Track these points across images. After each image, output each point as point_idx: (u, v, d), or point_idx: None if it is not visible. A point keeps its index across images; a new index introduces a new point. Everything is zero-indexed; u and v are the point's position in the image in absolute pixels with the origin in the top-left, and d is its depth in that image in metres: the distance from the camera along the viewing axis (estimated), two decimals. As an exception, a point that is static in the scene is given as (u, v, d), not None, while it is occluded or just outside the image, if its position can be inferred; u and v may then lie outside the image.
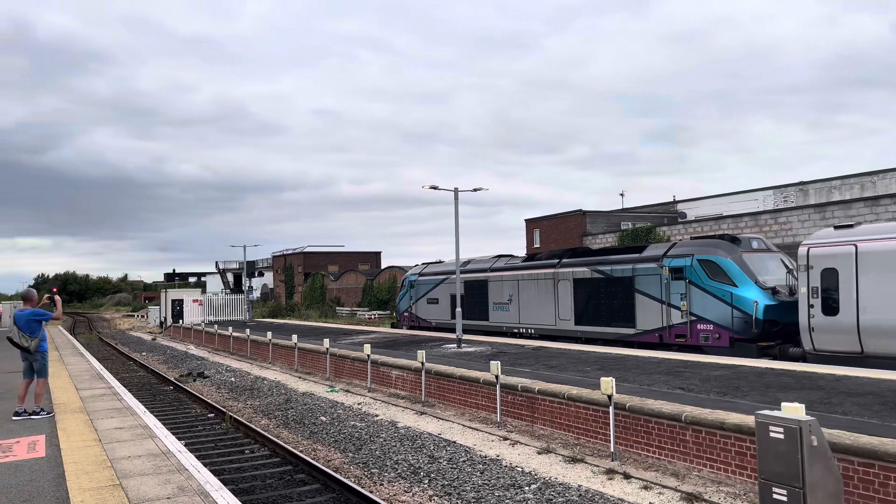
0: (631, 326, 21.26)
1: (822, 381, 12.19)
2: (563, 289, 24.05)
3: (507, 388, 13.30)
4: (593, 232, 44.01)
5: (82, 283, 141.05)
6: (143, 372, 27.20)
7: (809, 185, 41.02)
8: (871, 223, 18.70)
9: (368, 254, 79.85)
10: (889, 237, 14.80)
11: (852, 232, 15.71)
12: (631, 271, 21.48)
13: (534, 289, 25.51)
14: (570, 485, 9.26)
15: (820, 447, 5.74)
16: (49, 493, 6.84)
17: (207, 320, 49.21)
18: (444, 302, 31.84)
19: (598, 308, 22.47)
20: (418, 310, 34.11)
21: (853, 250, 15.23)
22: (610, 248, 24.58)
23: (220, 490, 6.86)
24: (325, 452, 12.20)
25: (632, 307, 21.20)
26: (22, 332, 11.07)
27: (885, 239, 14.80)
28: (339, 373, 21.05)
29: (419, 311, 34.02)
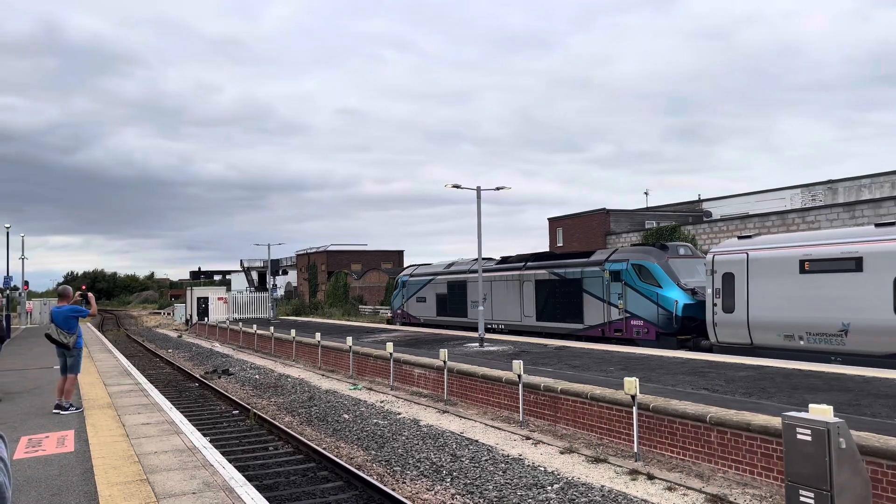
0: (580, 322, 24.10)
1: (851, 383, 12.00)
2: (526, 289, 27.09)
3: (530, 388, 13.26)
4: (617, 231, 43.70)
5: (110, 281, 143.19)
6: (169, 369, 27.56)
7: (838, 184, 40.32)
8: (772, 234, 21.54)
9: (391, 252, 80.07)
10: (773, 247, 17.71)
11: (749, 242, 18.57)
12: (580, 274, 24.43)
13: (504, 289, 28.51)
14: (593, 485, 9.21)
15: (848, 449, 5.65)
16: (78, 487, 6.96)
17: (232, 318, 49.73)
18: (430, 300, 34.65)
19: (555, 306, 25.25)
20: (409, 307, 36.94)
21: (745, 258, 18.08)
22: (565, 254, 27.29)
23: (245, 486, 6.93)
24: (348, 450, 12.26)
25: (580, 305, 24.15)
26: (60, 329, 11.28)
27: (771, 248, 17.70)
28: (361, 371, 21.16)
29: (410, 309, 36.88)
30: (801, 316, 16.76)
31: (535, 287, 26.58)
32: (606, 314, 23.03)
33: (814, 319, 16.47)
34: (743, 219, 36.27)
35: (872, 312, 15.33)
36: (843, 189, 39.73)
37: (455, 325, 31.54)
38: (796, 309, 16.86)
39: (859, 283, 15.70)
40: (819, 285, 16.46)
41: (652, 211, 48.49)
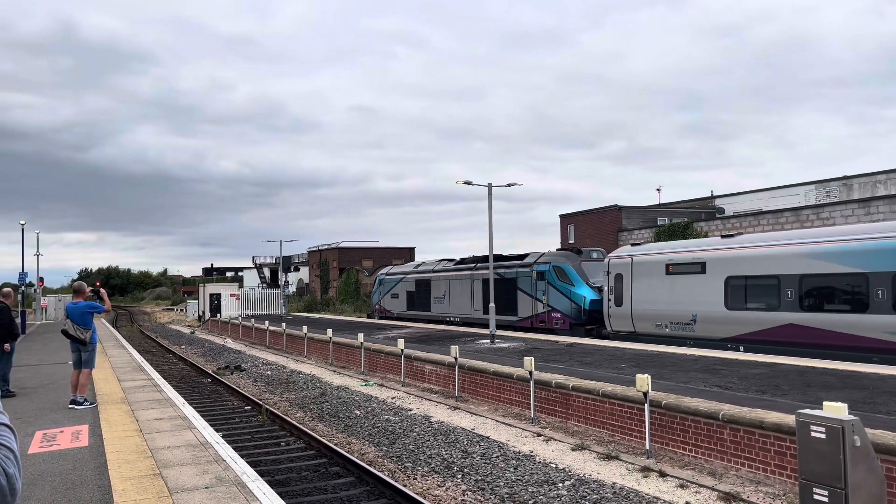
0: (515, 315, 27.98)
1: (866, 381, 11.89)
2: (476, 287, 31.16)
3: (541, 384, 13.24)
4: (629, 227, 43.50)
5: (124, 277, 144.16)
6: (182, 364, 27.74)
7: (853, 180, 39.91)
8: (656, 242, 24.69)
9: (402, 249, 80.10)
10: (650, 253, 21.52)
11: (636, 248, 22.45)
12: (515, 274, 28.27)
13: (459, 287, 32.67)
14: (605, 482, 9.18)
15: (863, 447, 5.60)
16: (92, 481, 7.02)
17: (244, 314, 49.96)
18: (402, 297, 38.66)
19: (497, 301, 27.19)
20: (384, 303, 40.84)
21: (630, 262, 21.92)
22: (506, 256, 30.52)
23: (257, 481, 6.96)
24: (360, 446, 12.29)
25: (515, 300, 28.11)
26: (76, 325, 11.37)
27: (649, 254, 21.51)
28: (373, 367, 21.20)
29: (385, 304, 40.75)
30: (666, 309, 20.52)
31: (482, 285, 30.42)
32: (534, 308, 26.97)
33: (674, 311, 20.23)
34: (756, 215, 36.01)
35: (711, 306, 19.02)
36: (859, 185, 39.34)
37: (420, 318, 35.62)
38: (663, 303, 20.60)
39: (703, 283, 19.37)
40: (678, 284, 20.21)
41: (664, 207, 48.25)
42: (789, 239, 18.02)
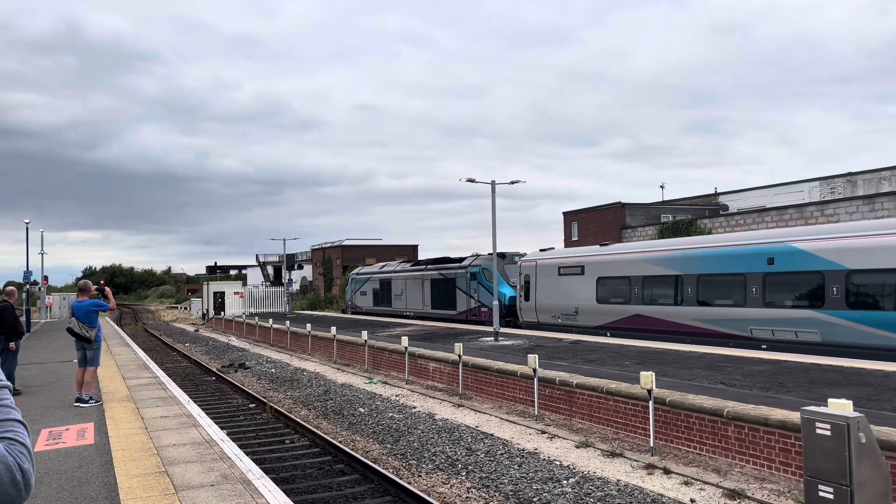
0: (454, 309, 33.33)
1: (871, 377, 11.87)
2: (426, 286, 36.21)
3: (545, 382, 13.24)
4: (633, 224, 43.44)
5: (128, 276, 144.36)
6: (186, 362, 27.80)
7: (858, 177, 39.79)
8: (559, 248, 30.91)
9: (405, 247, 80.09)
10: (550, 258, 26.51)
11: (541, 254, 27.36)
12: (454, 274, 33.55)
13: (412, 285, 37.78)
14: (609, 479, 9.19)
15: (868, 444, 5.59)
16: (98, 478, 7.04)
17: (248, 312, 50.04)
18: (369, 294, 43.94)
19: (441, 298, 34.42)
20: (355, 299, 46.16)
21: (535, 265, 26.94)
22: (448, 258, 36.17)
23: (262, 478, 6.98)
24: (364, 443, 12.31)
25: (454, 297, 33.47)
26: (82, 323, 11.41)
27: (548, 259, 26.58)
28: (377, 365, 21.22)
29: (356, 300, 45.96)
30: (558, 303, 25.56)
31: (430, 284, 35.72)
32: (468, 303, 32.34)
33: (564, 305, 25.27)
34: (760, 212, 35.94)
35: (588, 301, 24.09)
36: (863, 182, 39.23)
37: (384, 313, 40.77)
38: (557, 298, 25.65)
39: (582, 282, 24.43)
40: (566, 284, 25.24)
41: (668, 204, 48.17)
42: (637, 248, 23.36)
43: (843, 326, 16.00)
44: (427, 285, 36.02)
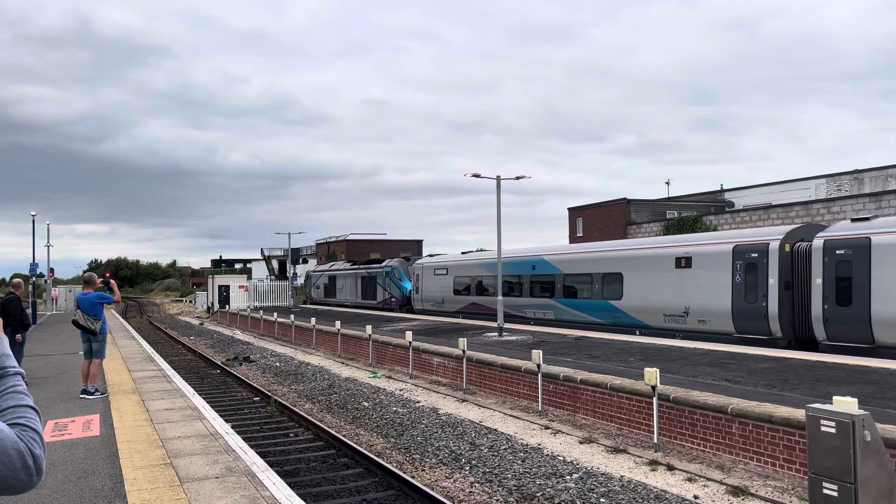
0: (375, 300, 42.71)
1: (875, 375, 11.84)
2: (357, 281, 45.88)
3: (549, 378, 13.25)
4: (638, 221, 43.35)
5: (133, 269, 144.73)
6: (191, 355, 27.89)
7: (864, 174, 39.61)
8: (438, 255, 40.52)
9: (410, 242, 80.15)
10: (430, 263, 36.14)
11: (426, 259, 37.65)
12: (376, 273, 43.08)
13: (350, 281, 47.44)
14: (613, 475, 9.19)
15: (873, 442, 5.58)
16: (103, 470, 7.08)
17: (253, 306, 50.11)
18: (321, 288, 53.75)
19: (367, 291, 44.29)
20: (312, 293, 55.54)
21: (422, 267, 36.78)
22: (374, 260, 47.71)
23: (267, 471, 7.01)
24: (368, 437, 12.35)
25: (375, 290, 42.90)
26: (87, 315, 11.45)
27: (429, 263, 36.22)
28: (381, 359, 21.26)
29: (312, 294, 55.52)
30: (434, 294, 35.40)
31: (361, 280, 45.31)
32: (384, 295, 41.63)
33: (436, 296, 35.09)
34: (766, 209, 35.83)
35: (449, 293, 33.88)
36: (870, 179, 39.05)
37: (330, 303, 49.98)
38: (433, 291, 35.58)
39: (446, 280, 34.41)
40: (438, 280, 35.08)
41: (673, 201, 48.04)
42: (477, 256, 33.56)
43: (562, 309, 25.54)
44: (359, 281, 45.58)
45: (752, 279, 18.58)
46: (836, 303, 16.53)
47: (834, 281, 16.58)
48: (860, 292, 16.01)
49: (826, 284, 16.71)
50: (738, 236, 20.38)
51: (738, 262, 19.03)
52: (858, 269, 16.09)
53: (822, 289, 16.78)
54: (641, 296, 22.27)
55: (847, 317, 16.23)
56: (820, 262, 16.95)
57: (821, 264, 16.92)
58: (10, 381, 1.83)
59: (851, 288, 16.21)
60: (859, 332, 16.02)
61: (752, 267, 18.65)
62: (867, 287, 15.85)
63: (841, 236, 16.83)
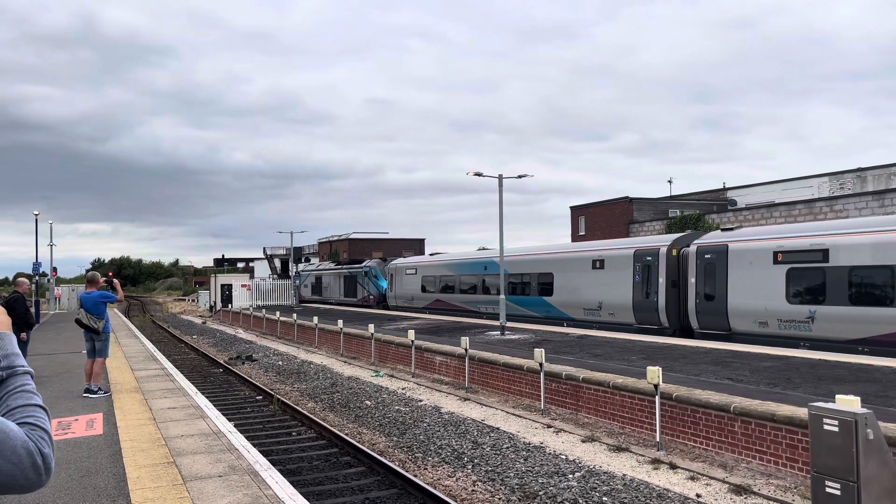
0: (356, 297, 46.00)
1: (878, 374, 11.82)
2: (340, 280, 49.06)
3: (552, 376, 13.25)
4: (640, 219, 43.30)
5: (136, 268, 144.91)
6: (194, 354, 27.93)
7: (868, 172, 39.50)
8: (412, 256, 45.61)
9: (412, 241, 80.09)
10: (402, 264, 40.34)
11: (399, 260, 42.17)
12: (356, 273, 46.24)
13: (334, 280, 50.65)
14: (615, 473, 9.19)
15: (876, 441, 5.57)
16: (106, 468, 7.10)
17: (255, 305, 50.16)
18: (309, 287, 56.78)
19: (348, 289, 47.36)
20: (301, 291, 57.07)
21: (395, 267, 40.64)
22: (354, 261, 51.04)
23: (269, 470, 7.02)
24: (370, 436, 12.36)
25: (356, 289, 46.18)
26: (90, 315, 11.47)
27: (401, 264, 40.37)
28: (383, 358, 21.27)
29: (301, 292, 56.90)
30: (406, 292, 38.98)
31: (343, 279, 48.48)
32: (362, 293, 45.12)
33: (407, 294, 38.75)
34: (768, 207, 35.77)
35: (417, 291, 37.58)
36: (873, 177, 38.95)
37: (317, 301, 52.93)
38: (405, 289, 39.07)
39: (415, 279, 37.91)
40: (408, 279, 38.78)
41: (676, 199, 47.97)
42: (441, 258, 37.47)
43: (508, 305, 25.35)
44: (341, 280, 48.91)
45: (647, 278, 21.85)
46: (704, 298, 19.77)
47: (703, 280, 19.87)
48: (720, 289, 19.21)
49: (697, 283, 20.02)
50: (638, 243, 23.86)
51: (638, 265, 22.24)
52: (719, 271, 19.31)
53: (695, 286, 20.07)
54: (567, 293, 25.78)
55: (711, 309, 19.48)
56: (693, 265, 20.19)
57: (694, 266, 20.17)
58: (20, 381, 1.85)
59: (714, 286, 19.42)
60: (720, 321, 19.20)
61: (647, 268, 21.89)
62: (725, 285, 19.06)
63: (708, 243, 20.03)
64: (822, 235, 17.13)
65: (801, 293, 17.23)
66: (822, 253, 16.83)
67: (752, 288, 18.29)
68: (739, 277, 18.65)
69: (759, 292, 18.06)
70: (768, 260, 18.05)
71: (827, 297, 16.53)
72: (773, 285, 17.76)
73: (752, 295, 18.22)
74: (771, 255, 18.03)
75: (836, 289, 16.33)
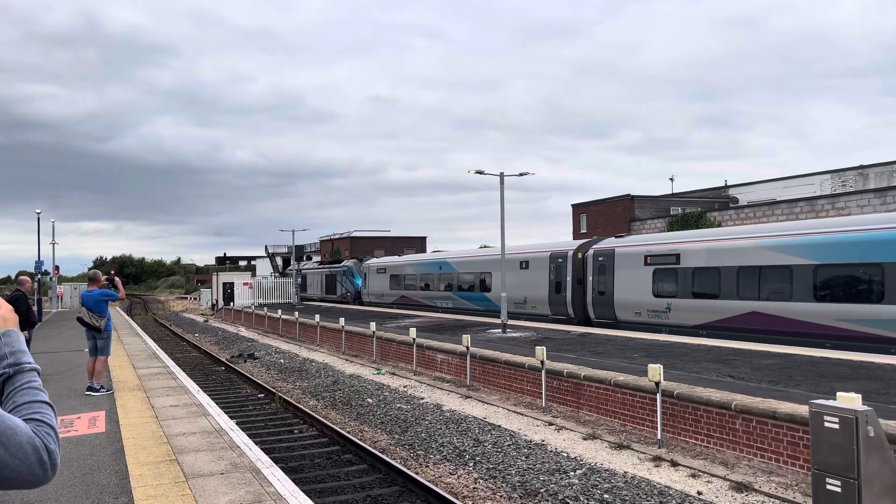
0: (335, 294, 49.69)
1: (880, 371, 11.82)
2: (322, 279, 53.26)
3: (553, 374, 13.26)
4: (642, 217, 43.27)
5: (138, 266, 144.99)
6: (196, 352, 27.97)
7: (869, 169, 39.45)
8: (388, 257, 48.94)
9: (414, 238, 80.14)
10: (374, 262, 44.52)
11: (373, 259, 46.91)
12: (336, 272, 50.32)
13: (317, 279, 54.60)
14: (616, 471, 9.21)
15: (876, 438, 5.58)
16: (109, 466, 7.12)
17: (257, 303, 50.22)
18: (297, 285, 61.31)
19: (329, 287, 51.46)
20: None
21: (368, 266, 44.64)
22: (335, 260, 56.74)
23: (271, 468, 7.04)
24: (372, 434, 12.38)
25: (335, 286, 49.91)
26: (92, 313, 11.49)
27: (373, 263, 44.60)
28: (385, 356, 21.29)
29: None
30: (377, 289, 42.20)
31: (325, 277, 52.67)
32: (341, 290, 48.91)
33: (378, 291, 41.85)
34: (770, 205, 35.74)
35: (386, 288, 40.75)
36: (875, 175, 38.90)
37: (304, 298, 55.43)
38: (376, 287, 42.37)
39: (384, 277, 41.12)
40: (379, 278, 42.05)
41: (677, 197, 47.95)
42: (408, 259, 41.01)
43: (457, 300, 32.88)
44: (323, 278, 53.16)
45: (558, 277, 25.78)
46: (598, 293, 23.81)
47: (597, 278, 23.88)
48: (609, 286, 23.24)
49: (593, 281, 24.09)
50: (553, 246, 27.61)
51: (552, 265, 26.34)
52: (608, 271, 23.32)
53: (591, 284, 24.14)
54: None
55: (603, 302, 23.57)
56: (591, 266, 24.23)
57: (591, 267, 24.18)
58: (27, 377, 1.88)
59: (605, 283, 23.46)
60: (609, 312, 23.25)
61: (559, 269, 25.88)
62: (612, 282, 23.10)
63: (602, 248, 24.11)
64: (676, 243, 21.10)
65: (661, 289, 21.13)
66: (676, 257, 20.73)
67: (630, 285, 22.22)
68: (622, 276, 22.70)
69: (636, 288, 21.98)
70: (641, 262, 21.92)
71: (678, 292, 20.47)
72: (644, 283, 21.70)
73: (631, 290, 22.18)
74: (643, 258, 21.93)
75: (685, 285, 20.30)
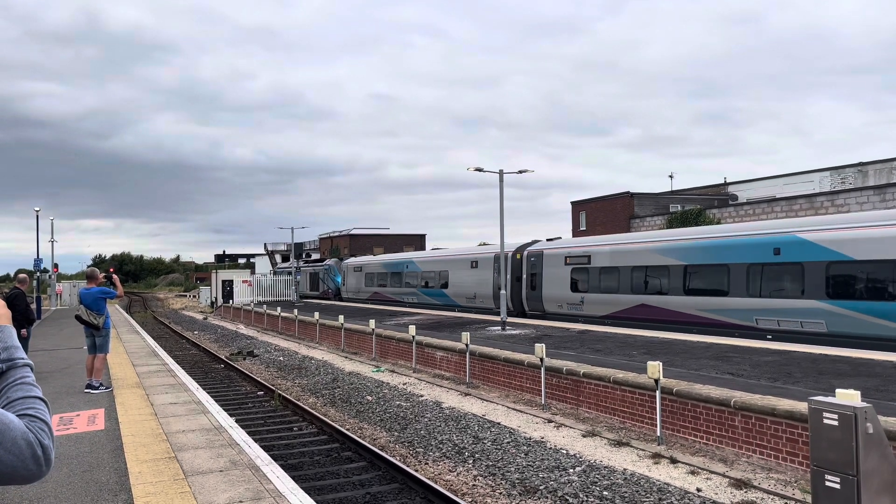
0: (318, 291, 53.11)
1: (879, 368, 11.83)
2: (308, 276, 55.84)
3: (552, 371, 13.26)
4: (641, 214, 43.27)
5: (137, 264, 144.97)
6: (195, 350, 27.97)
7: (869, 166, 39.44)
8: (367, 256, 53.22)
9: (413, 236, 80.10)
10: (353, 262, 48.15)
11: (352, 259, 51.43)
12: (319, 270, 54.34)
13: (304, 276, 56.23)
14: (616, 468, 9.21)
15: (876, 435, 5.58)
16: (108, 463, 7.12)
17: (256, 300, 50.20)
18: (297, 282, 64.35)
19: (313, 284, 54.55)
20: None
21: (348, 265, 48.51)
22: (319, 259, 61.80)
23: (271, 465, 7.04)
24: (371, 431, 12.38)
25: (318, 284, 53.10)
26: (90, 310, 11.48)
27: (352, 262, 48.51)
28: (384, 353, 21.29)
29: None
30: (355, 287, 45.48)
31: (310, 275, 55.68)
32: (323, 287, 52.20)
33: (356, 288, 45.14)
34: (770, 202, 35.74)
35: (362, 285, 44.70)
36: (874, 172, 38.89)
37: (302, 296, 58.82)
38: (355, 284, 45.57)
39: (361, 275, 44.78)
40: (357, 276, 45.44)
41: (677, 194, 47.95)
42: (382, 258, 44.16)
43: (421, 296, 36.24)
44: (308, 276, 56.05)
45: (499, 275, 27.22)
46: (531, 288, 27.34)
47: (530, 276, 27.41)
48: (538, 283, 26.81)
49: (526, 278, 27.63)
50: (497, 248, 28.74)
51: (496, 265, 29.34)
52: (538, 270, 26.89)
53: (525, 281, 27.65)
54: (457, 286, 33.48)
55: (534, 297, 27.14)
56: (525, 265, 27.74)
57: (525, 266, 27.73)
58: (20, 373, 1.87)
59: (536, 280, 26.98)
60: (539, 306, 26.84)
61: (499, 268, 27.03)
62: (541, 280, 26.63)
63: (534, 250, 27.61)
64: (588, 246, 24.90)
65: (577, 285, 24.78)
66: (588, 258, 24.33)
67: (555, 282, 25.83)
68: (549, 274, 26.19)
69: (558, 285, 25.59)
70: (562, 262, 25.50)
71: (590, 287, 24.01)
72: (564, 280, 25.28)
73: (555, 287, 25.76)
74: (563, 259, 25.52)
75: (594, 282, 23.80)
